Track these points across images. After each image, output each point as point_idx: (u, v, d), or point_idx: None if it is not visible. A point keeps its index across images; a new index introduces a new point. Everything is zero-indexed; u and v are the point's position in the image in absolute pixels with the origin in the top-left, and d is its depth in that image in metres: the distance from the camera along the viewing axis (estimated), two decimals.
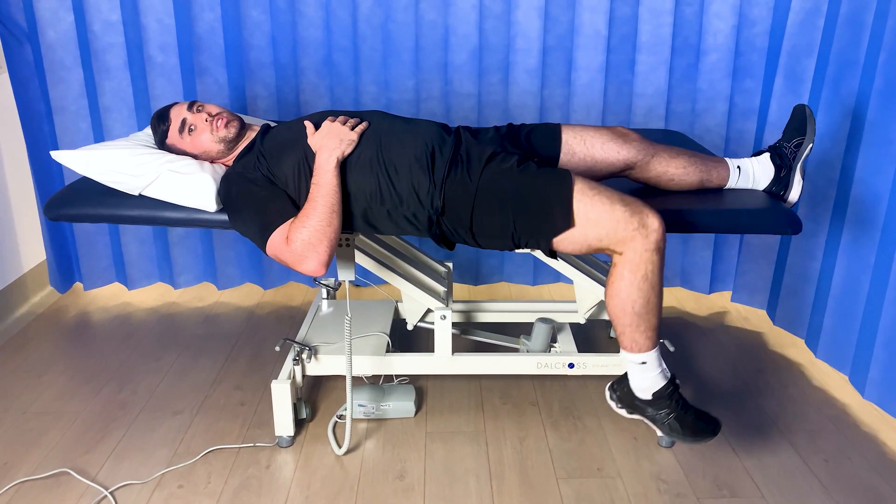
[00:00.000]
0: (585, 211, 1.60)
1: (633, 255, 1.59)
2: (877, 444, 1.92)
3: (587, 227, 1.61)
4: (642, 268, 1.59)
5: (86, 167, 1.80)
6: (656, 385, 1.68)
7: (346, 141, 1.69)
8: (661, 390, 1.68)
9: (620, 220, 1.58)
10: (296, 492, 1.73)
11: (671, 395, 1.68)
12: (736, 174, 1.89)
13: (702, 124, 2.58)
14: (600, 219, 1.59)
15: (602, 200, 1.60)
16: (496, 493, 1.73)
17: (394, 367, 2.00)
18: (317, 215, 1.60)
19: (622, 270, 1.61)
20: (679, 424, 1.66)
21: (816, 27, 2.29)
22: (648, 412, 1.69)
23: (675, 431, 1.67)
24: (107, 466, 1.82)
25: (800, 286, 2.41)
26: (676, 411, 1.67)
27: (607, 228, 1.59)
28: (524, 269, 2.85)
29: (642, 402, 1.70)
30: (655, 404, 1.68)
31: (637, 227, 1.58)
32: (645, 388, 1.68)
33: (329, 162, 1.65)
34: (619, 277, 1.61)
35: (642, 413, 1.71)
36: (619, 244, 1.60)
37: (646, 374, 1.67)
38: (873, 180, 2.04)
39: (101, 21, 2.48)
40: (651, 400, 1.68)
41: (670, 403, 1.67)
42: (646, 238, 1.58)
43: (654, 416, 1.69)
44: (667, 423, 1.67)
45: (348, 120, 1.75)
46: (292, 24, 2.52)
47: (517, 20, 2.48)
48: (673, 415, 1.67)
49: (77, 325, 2.59)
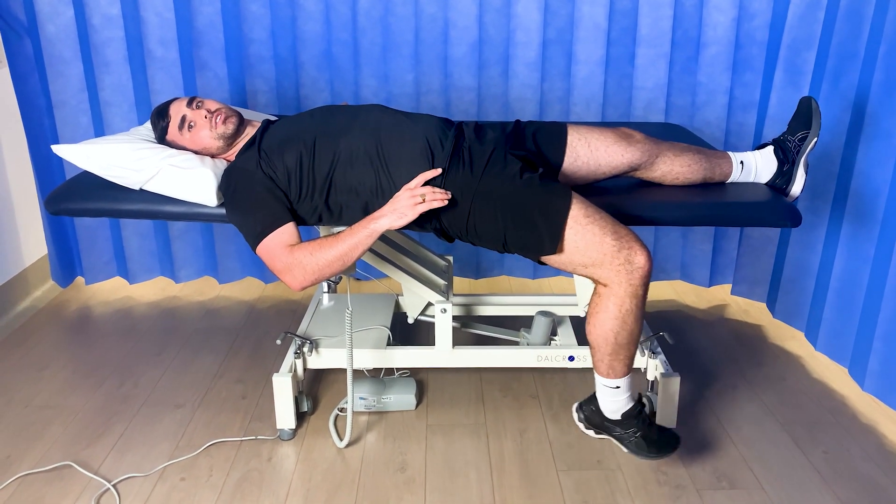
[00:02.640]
0: (576, 238, 1.59)
1: (618, 290, 1.58)
2: (876, 435, 1.93)
3: (574, 254, 1.60)
4: (627, 302, 1.59)
5: (87, 161, 1.81)
6: (626, 406, 1.70)
7: (405, 217, 1.63)
8: (629, 411, 1.70)
9: (607, 254, 1.57)
10: (297, 484, 1.74)
11: (638, 415, 1.70)
12: (739, 168, 1.89)
13: (702, 117, 2.58)
14: (588, 248, 1.58)
15: (594, 231, 1.58)
16: (497, 486, 1.74)
17: (394, 360, 2.01)
18: (329, 254, 1.62)
19: (606, 303, 1.60)
20: (645, 442, 1.68)
21: (816, 20, 2.28)
22: (616, 432, 1.71)
23: (641, 449, 1.69)
24: (109, 459, 1.83)
25: (799, 279, 2.41)
26: (643, 429, 1.69)
27: (594, 259, 1.58)
28: (524, 263, 2.85)
29: (611, 422, 1.72)
30: (624, 424, 1.70)
31: (623, 262, 1.57)
32: (615, 409, 1.70)
33: (379, 225, 1.63)
34: (603, 309, 1.61)
35: (609, 433, 1.73)
36: (604, 277, 1.59)
37: (617, 397, 1.69)
38: (873, 173, 2.04)
39: (100, 15, 2.47)
40: (620, 420, 1.70)
41: (637, 423, 1.69)
42: (630, 274, 1.57)
43: (621, 436, 1.71)
44: (633, 441, 1.69)
45: (436, 191, 1.64)
46: (292, 18, 2.52)
47: (517, 13, 2.48)
48: (640, 433, 1.69)
49: (79, 319, 2.60)
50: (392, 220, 1.62)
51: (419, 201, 1.62)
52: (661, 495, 1.70)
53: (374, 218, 1.64)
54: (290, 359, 1.93)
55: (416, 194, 1.63)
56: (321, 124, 1.77)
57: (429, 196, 1.63)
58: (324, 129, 1.76)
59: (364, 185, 1.71)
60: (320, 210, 1.74)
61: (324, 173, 1.71)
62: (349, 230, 1.64)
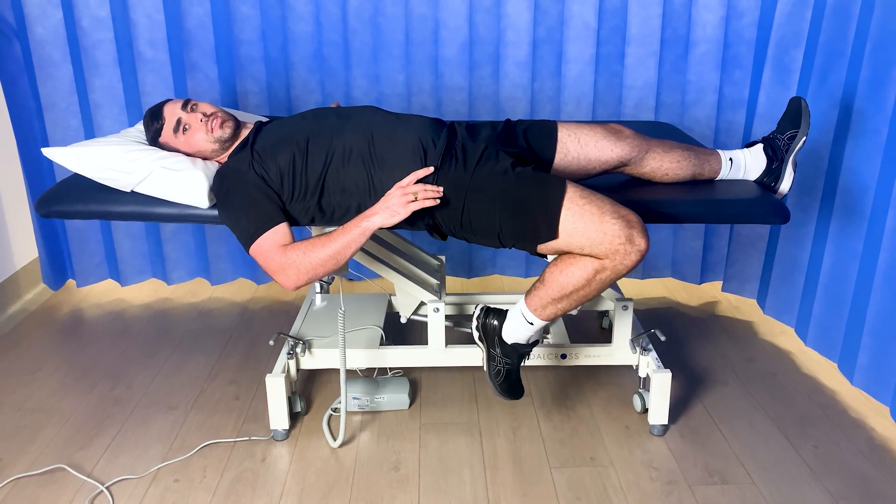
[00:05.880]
0: (573, 220, 1.59)
1: (606, 263, 1.59)
2: (865, 429, 1.95)
3: (573, 237, 1.60)
4: (606, 273, 1.60)
5: (77, 164, 1.80)
6: (522, 340, 1.76)
7: (397, 215, 1.64)
8: (522, 346, 1.77)
9: (608, 233, 1.57)
10: (291, 484, 1.75)
11: (522, 356, 1.79)
12: (728, 166, 1.91)
13: (691, 115, 2.59)
14: (587, 229, 1.58)
15: (591, 210, 1.59)
16: (490, 484, 1.74)
17: (387, 359, 2.01)
18: (322, 253, 1.63)
19: (587, 262, 1.60)
20: (505, 377, 1.79)
21: (804, 18, 2.30)
22: (496, 351, 1.79)
23: (498, 379, 1.79)
24: (102, 462, 1.83)
25: (789, 275, 2.43)
26: (512, 366, 1.78)
27: (593, 239, 1.58)
28: (516, 262, 2.86)
29: (499, 341, 1.78)
30: (506, 350, 1.77)
31: (624, 241, 1.56)
32: (513, 336, 1.76)
33: (371, 223, 1.64)
34: (580, 265, 1.61)
35: (490, 346, 1.80)
36: (602, 253, 1.59)
37: (524, 331, 1.75)
38: (860, 170, 2.06)
39: (89, 17, 2.47)
40: (507, 345, 1.77)
41: (514, 358, 1.78)
42: (627, 255, 1.57)
43: (495, 356, 1.79)
44: (497, 369, 1.78)
45: (428, 188, 1.66)
46: (282, 18, 2.52)
47: (507, 13, 2.49)
48: (508, 367, 1.78)
49: (70, 321, 2.59)
50: (384, 219, 1.63)
51: (411, 199, 1.63)
52: (653, 491, 1.72)
53: (366, 216, 1.65)
54: (283, 359, 1.93)
55: (409, 192, 1.64)
56: (314, 125, 1.78)
57: (421, 194, 1.64)
58: (316, 129, 1.76)
59: (357, 186, 1.72)
60: (313, 211, 1.75)
61: (316, 174, 1.72)
62: (341, 229, 1.65)
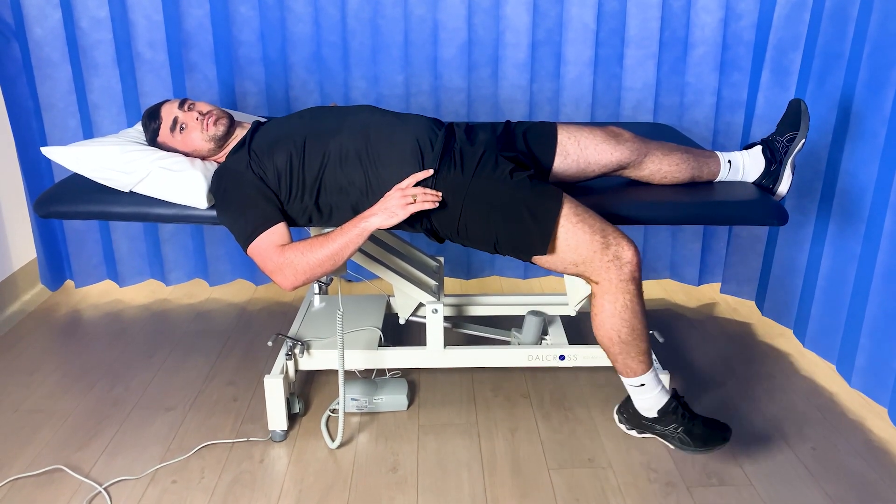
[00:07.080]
0: (567, 237, 1.61)
1: (609, 286, 1.60)
2: (863, 431, 1.95)
3: (566, 253, 1.62)
4: (620, 298, 1.61)
5: (76, 164, 1.80)
6: (659, 403, 1.70)
7: (395, 217, 1.63)
8: (664, 407, 1.70)
9: (596, 252, 1.59)
10: (289, 485, 1.74)
11: (675, 410, 1.70)
12: (727, 168, 1.91)
13: (690, 117, 2.60)
14: (579, 247, 1.60)
15: (583, 229, 1.61)
16: (488, 485, 1.74)
17: (386, 360, 2.01)
18: (320, 253, 1.62)
19: (602, 302, 1.63)
20: (689, 437, 1.68)
21: (802, 20, 2.30)
22: (657, 429, 1.72)
23: (686, 444, 1.69)
24: (100, 463, 1.82)
25: (787, 277, 2.44)
26: (684, 424, 1.69)
27: (583, 257, 1.61)
28: (515, 263, 2.86)
29: (649, 420, 1.73)
30: (662, 421, 1.71)
31: (611, 258, 1.59)
32: (648, 407, 1.71)
33: (369, 224, 1.63)
34: (601, 309, 1.63)
35: (651, 431, 1.74)
36: (594, 274, 1.61)
37: (646, 394, 1.70)
38: (859, 172, 2.06)
39: (88, 17, 2.47)
40: (657, 417, 1.71)
41: (676, 418, 1.69)
42: (619, 270, 1.59)
43: (663, 433, 1.72)
44: (677, 437, 1.70)
45: (427, 191, 1.65)
46: (281, 19, 2.52)
47: (506, 14, 2.49)
48: (681, 428, 1.69)
49: (68, 322, 2.59)
50: (383, 220, 1.63)
51: (410, 201, 1.63)
52: (652, 493, 1.72)
53: (364, 217, 1.64)
54: (281, 360, 1.93)
55: (408, 194, 1.64)
56: (311, 125, 1.78)
57: (420, 197, 1.64)
58: (313, 129, 1.76)
59: (354, 186, 1.72)
60: (310, 211, 1.75)
61: (314, 174, 1.72)
62: (340, 229, 1.65)
